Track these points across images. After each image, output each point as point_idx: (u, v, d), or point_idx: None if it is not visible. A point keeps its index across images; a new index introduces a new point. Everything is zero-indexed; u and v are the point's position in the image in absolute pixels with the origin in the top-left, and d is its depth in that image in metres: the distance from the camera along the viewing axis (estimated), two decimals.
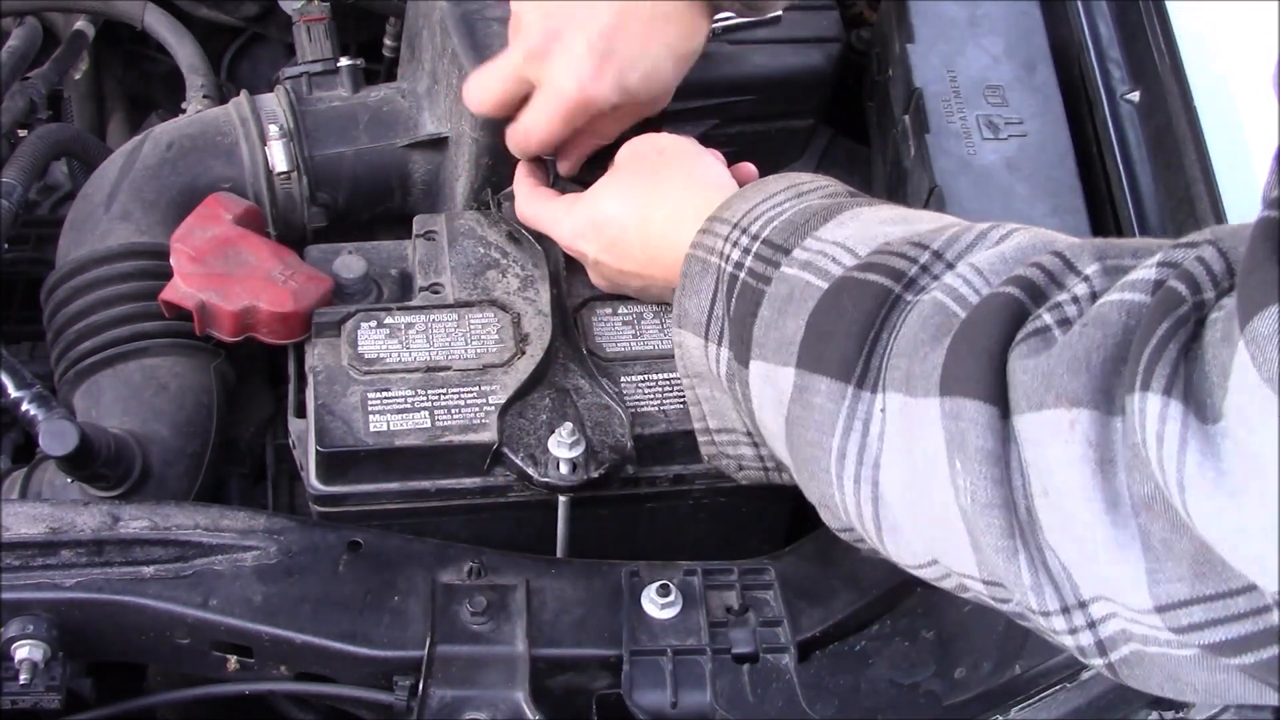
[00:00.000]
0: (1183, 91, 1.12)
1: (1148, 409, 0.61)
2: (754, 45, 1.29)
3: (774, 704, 0.93)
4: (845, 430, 0.77)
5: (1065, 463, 0.65)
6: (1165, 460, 0.60)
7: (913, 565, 0.78)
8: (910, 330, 0.75)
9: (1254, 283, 0.57)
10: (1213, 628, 0.62)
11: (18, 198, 1.23)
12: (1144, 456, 0.62)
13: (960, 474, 0.69)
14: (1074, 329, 0.67)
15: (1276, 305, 0.56)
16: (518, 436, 1.00)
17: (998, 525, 0.68)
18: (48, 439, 0.97)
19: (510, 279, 1.11)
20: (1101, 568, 0.65)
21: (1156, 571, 0.63)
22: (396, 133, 1.26)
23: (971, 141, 1.17)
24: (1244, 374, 0.58)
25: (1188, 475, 0.59)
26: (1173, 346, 0.62)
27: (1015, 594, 0.70)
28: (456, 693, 0.91)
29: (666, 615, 0.96)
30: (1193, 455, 0.59)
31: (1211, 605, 0.62)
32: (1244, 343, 0.57)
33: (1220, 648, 0.62)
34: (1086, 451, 0.64)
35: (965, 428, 0.69)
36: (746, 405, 0.88)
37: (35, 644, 0.90)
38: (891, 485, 0.76)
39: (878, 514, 0.77)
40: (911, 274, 0.78)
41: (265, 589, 0.95)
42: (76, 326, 1.13)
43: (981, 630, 0.94)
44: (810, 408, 0.79)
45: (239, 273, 1.08)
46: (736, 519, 1.10)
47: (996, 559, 0.69)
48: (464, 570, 0.98)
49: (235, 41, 1.63)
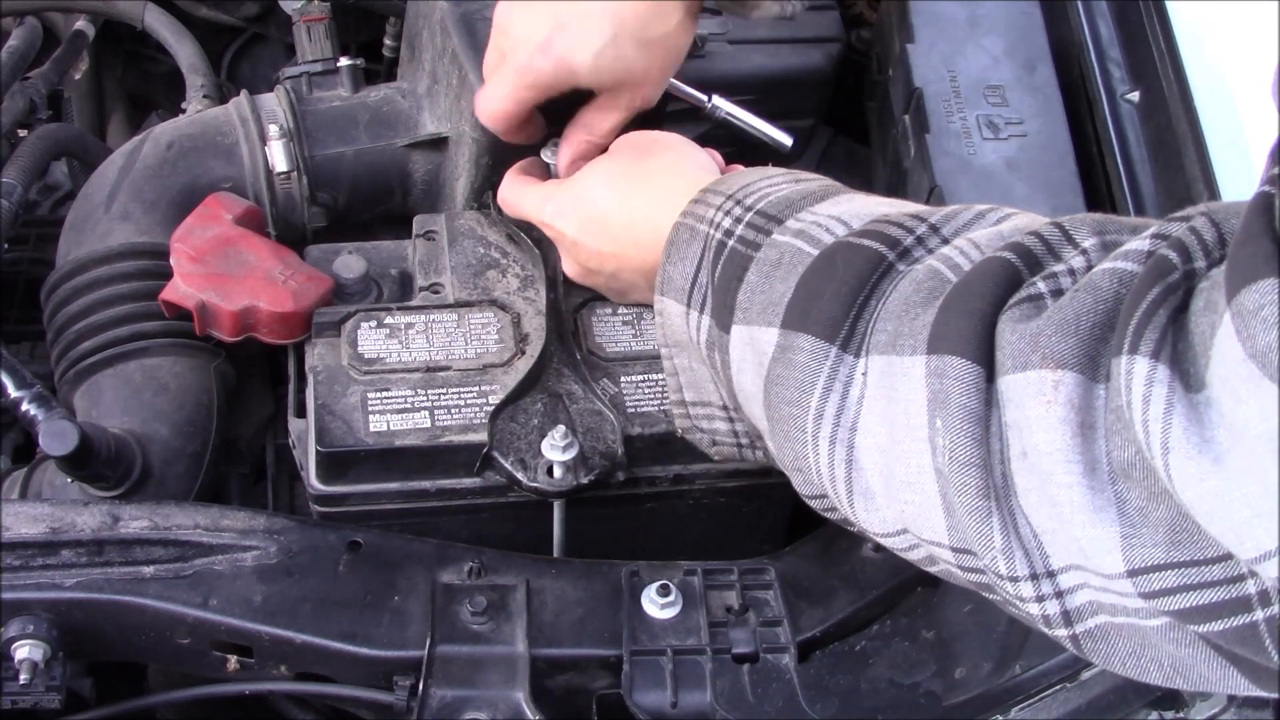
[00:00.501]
0: (1183, 91, 1.12)
1: (1135, 371, 0.61)
2: (754, 45, 1.29)
3: (774, 704, 0.93)
4: (825, 390, 0.76)
5: (1046, 423, 0.65)
6: (1151, 422, 0.60)
7: (881, 534, 0.77)
8: (901, 295, 0.75)
9: (1245, 255, 0.58)
10: (1184, 593, 0.62)
11: (18, 198, 1.23)
12: (1127, 419, 0.62)
13: (941, 432, 0.69)
14: (1065, 295, 0.67)
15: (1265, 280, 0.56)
16: (508, 440, 1.00)
17: (973, 485, 0.68)
18: (48, 439, 0.97)
19: (510, 279, 1.11)
20: (1075, 530, 0.64)
21: (1131, 536, 0.63)
22: (396, 133, 1.26)
23: (971, 141, 1.17)
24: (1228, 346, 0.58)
25: (1173, 438, 0.59)
26: (1162, 313, 0.62)
27: (984, 558, 0.69)
28: (456, 693, 0.91)
29: (666, 615, 0.96)
30: (1178, 419, 0.59)
31: (1185, 571, 0.62)
32: (1230, 315, 0.57)
33: (1190, 614, 0.62)
34: (1068, 413, 0.64)
35: (950, 385, 0.69)
36: (725, 373, 0.86)
37: (35, 644, 0.90)
38: (867, 449, 0.75)
39: (850, 477, 0.76)
40: (907, 243, 0.78)
41: (265, 589, 0.95)
42: (77, 326, 1.13)
43: (981, 630, 0.94)
44: (792, 366, 0.78)
45: (239, 273, 1.08)
46: (736, 519, 1.10)
47: (969, 521, 0.69)
48: (464, 570, 0.98)
49: (235, 41, 1.63)
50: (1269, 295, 0.56)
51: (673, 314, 0.90)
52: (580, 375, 1.05)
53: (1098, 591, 0.66)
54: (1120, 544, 0.63)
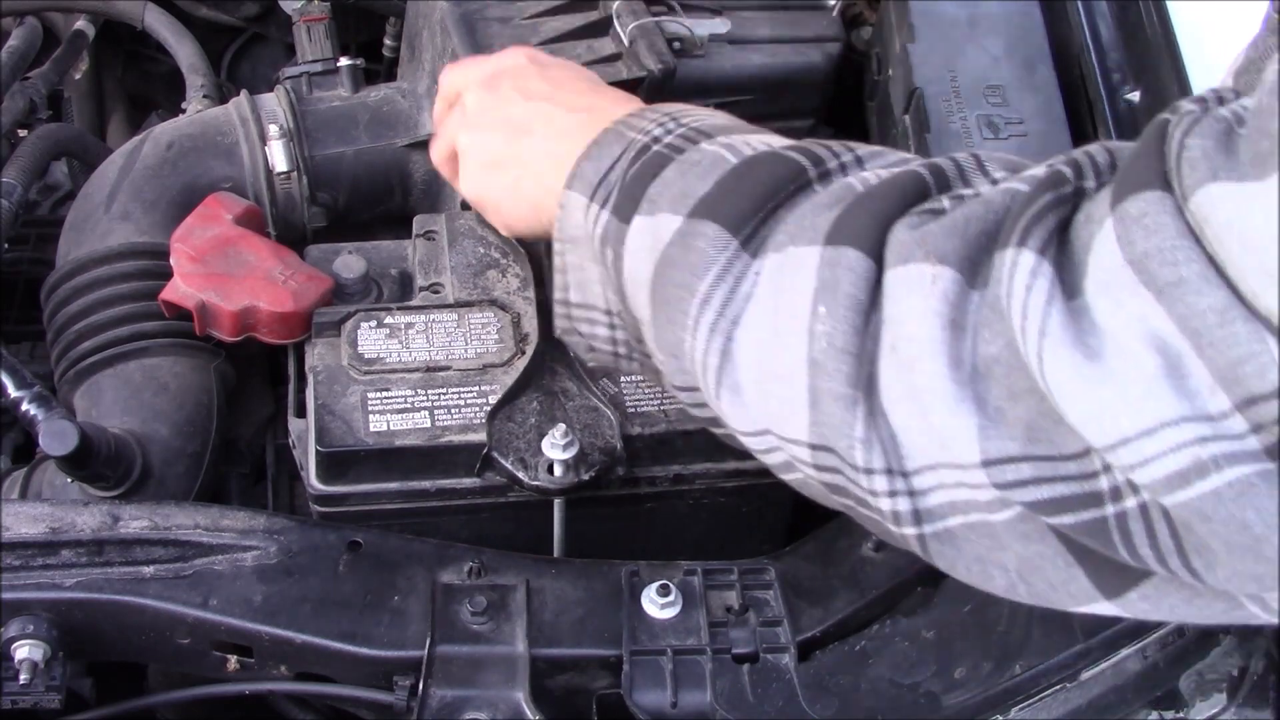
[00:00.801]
0: (1183, 91, 1.12)
1: (1020, 263, 0.62)
2: (754, 45, 1.29)
3: (774, 704, 0.93)
4: (717, 279, 0.76)
5: (918, 314, 0.65)
6: (1030, 309, 0.61)
7: (744, 431, 0.77)
8: (809, 202, 0.75)
9: (1136, 167, 0.59)
10: (1037, 485, 0.62)
11: (18, 198, 1.23)
12: (1002, 308, 0.63)
13: (822, 318, 0.69)
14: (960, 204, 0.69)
15: (1151, 191, 0.57)
16: (507, 440, 1.01)
17: (844, 371, 0.68)
18: (48, 439, 0.97)
19: (510, 279, 1.11)
20: (934, 418, 0.65)
21: (988, 428, 0.63)
22: (397, 133, 1.26)
23: (972, 141, 1.17)
24: (1107, 251, 0.59)
25: (1050, 324, 0.60)
26: (1051, 217, 0.64)
27: (842, 449, 0.69)
28: (456, 693, 0.91)
29: (666, 615, 0.96)
30: (1057, 311, 0.60)
31: (1040, 465, 0.62)
32: (1112, 220, 0.59)
33: (1042, 505, 0.63)
34: (941, 306, 0.65)
35: (840, 274, 0.69)
36: (616, 266, 0.84)
37: (35, 644, 0.90)
38: (744, 344, 0.75)
39: (721, 368, 0.76)
40: (830, 165, 0.78)
41: (265, 589, 0.95)
42: (77, 326, 1.13)
43: (981, 630, 0.94)
44: (689, 250, 0.77)
45: (239, 273, 1.08)
46: (736, 519, 1.10)
47: (833, 408, 0.69)
48: (464, 570, 0.98)
49: (235, 41, 1.63)
50: (1153, 204, 0.57)
51: (574, 207, 0.88)
52: (575, 372, 1.05)
53: (952, 490, 0.66)
54: (977, 434, 0.63)
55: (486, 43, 1.19)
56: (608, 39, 1.24)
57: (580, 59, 1.22)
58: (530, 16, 1.25)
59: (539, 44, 1.22)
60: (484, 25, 1.22)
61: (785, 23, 1.31)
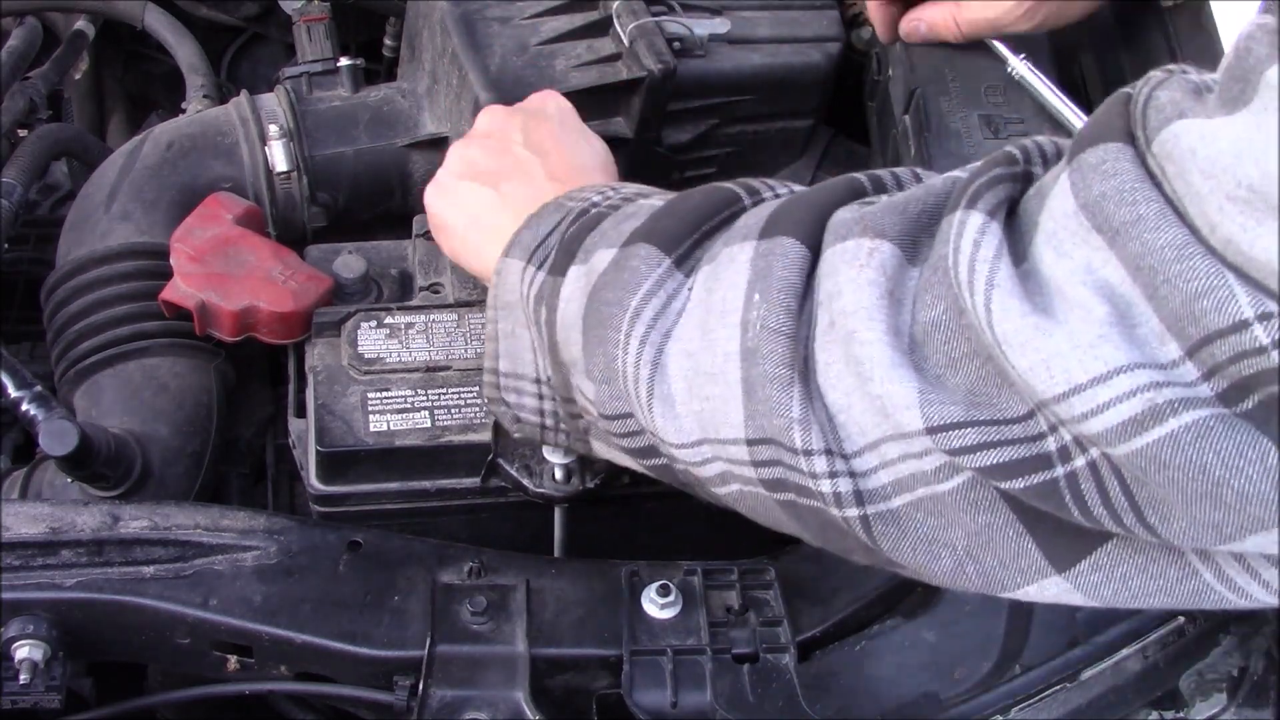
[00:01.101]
0: None
1: (969, 222, 0.62)
2: (754, 45, 1.29)
3: (774, 704, 0.93)
4: (648, 294, 0.76)
5: (855, 285, 0.65)
6: (978, 261, 0.60)
7: (678, 444, 0.76)
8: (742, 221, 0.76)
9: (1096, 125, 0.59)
10: (984, 451, 0.61)
11: (18, 198, 1.23)
12: (947, 268, 0.62)
13: (756, 305, 0.69)
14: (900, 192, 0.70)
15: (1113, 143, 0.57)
16: (511, 447, 1.01)
17: (779, 353, 0.68)
18: (48, 439, 0.97)
19: None
20: (874, 387, 0.64)
21: (929, 394, 0.62)
22: (396, 133, 1.26)
23: (972, 140, 1.17)
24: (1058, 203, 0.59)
25: (999, 276, 0.59)
26: (1001, 188, 0.63)
27: (779, 434, 0.68)
28: (456, 693, 0.91)
29: (666, 615, 0.96)
30: (1005, 264, 0.60)
31: (985, 430, 0.61)
32: (1068, 171, 0.58)
33: (993, 471, 0.61)
34: (878, 277, 0.65)
35: (774, 262, 0.69)
36: (549, 321, 0.83)
37: (35, 644, 0.90)
38: (675, 354, 0.74)
39: (653, 379, 0.75)
40: (765, 196, 0.79)
41: (265, 589, 0.95)
42: (77, 326, 1.13)
43: (981, 630, 0.94)
44: (622, 270, 0.77)
45: (239, 273, 1.08)
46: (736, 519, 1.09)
47: (769, 391, 0.68)
48: (464, 570, 0.97)
49: (235, 41, 1.63)
50: (1112, 153, 0.57)
51: (510, 273, 0.88)
52: None
53: (896, 465, 0.65)
54: (918, 399, 0.62)
55: (486, 43, 1.19)
56: (608, 39, 1.24)
57: (580, 59, 1.22)
58: (530, 16, 1.25)
59: (539, 44, 1.22)
60: (484, 25, 1.21)
61: (785, 23, 1.30)
